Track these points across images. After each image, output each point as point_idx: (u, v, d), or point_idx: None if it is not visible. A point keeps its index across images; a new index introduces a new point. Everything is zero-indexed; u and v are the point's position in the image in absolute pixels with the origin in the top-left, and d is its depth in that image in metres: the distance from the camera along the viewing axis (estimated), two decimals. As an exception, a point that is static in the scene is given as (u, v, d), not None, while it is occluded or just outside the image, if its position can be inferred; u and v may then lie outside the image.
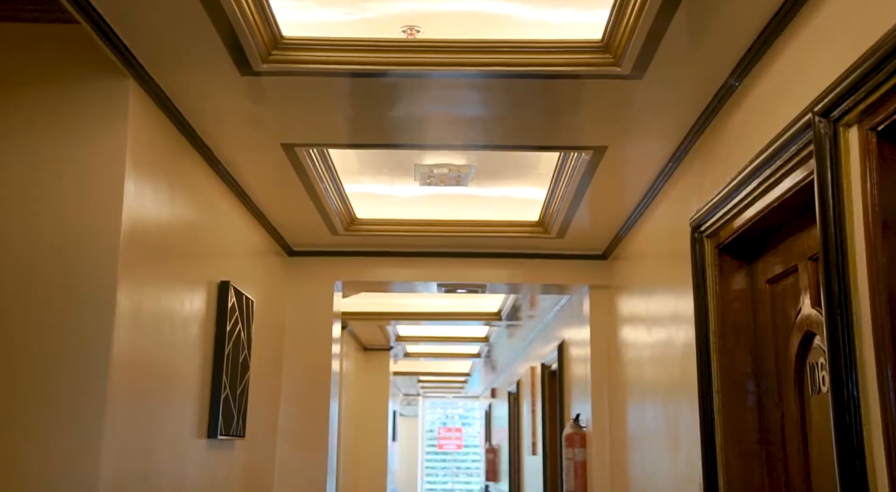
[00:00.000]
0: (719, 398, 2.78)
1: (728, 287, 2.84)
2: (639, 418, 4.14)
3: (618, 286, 4.76)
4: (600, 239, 4.76)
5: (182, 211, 3.12)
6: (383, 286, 5.16)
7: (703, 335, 2.88)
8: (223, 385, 3.44)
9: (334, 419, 4.96)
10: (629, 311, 4.47)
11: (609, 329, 4.94)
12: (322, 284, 4.96)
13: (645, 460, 3.98)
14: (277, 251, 4.77)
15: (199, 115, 2.99)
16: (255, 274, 4.24)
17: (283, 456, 4.74)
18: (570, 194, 3.98)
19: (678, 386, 3.39)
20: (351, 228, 4.61)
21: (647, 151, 3.32)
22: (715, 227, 2.83)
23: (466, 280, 5.01)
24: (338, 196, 4.18)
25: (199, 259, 3.34)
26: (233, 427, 3.61)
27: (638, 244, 4.26)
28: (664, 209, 3.63)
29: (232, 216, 3.81)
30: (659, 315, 3.75)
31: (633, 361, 4.27)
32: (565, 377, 6.39)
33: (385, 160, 3.96)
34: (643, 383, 4.04)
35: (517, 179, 4.22)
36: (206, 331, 3.38)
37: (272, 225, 4.49)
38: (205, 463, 3.38)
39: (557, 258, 5.00)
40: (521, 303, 7.01)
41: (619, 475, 4.62)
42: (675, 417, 3.44)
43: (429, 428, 19.92)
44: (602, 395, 4.93)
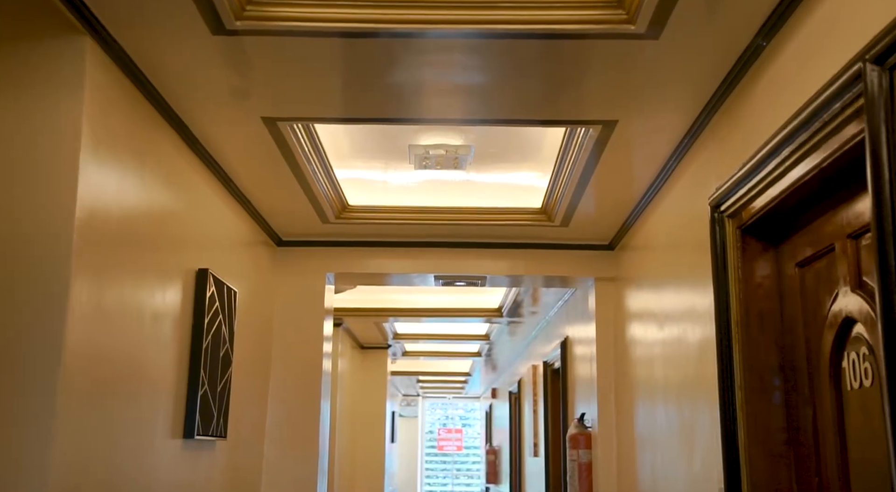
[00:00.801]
0: (742, 395, 2.51)
1: (752, 272, 2.57)
2: (649, 417, 3.88)
3: (625, 279, 4.50)
4: (606, 228, 4.49)
5: (155, 193, 2.86)
6: (377, 279, 4.89)
7: (725, 326, 2.62)
8: (201, 382, 3.18)
9: (325, 420, 4.70)
10: (638, 305, 4.20)
11: (616, 325, 4.68)
12: (313, 275, 4.69)
13: (656, 462, 3.72)
14: (265, 241, 4.51)
15: (169, 82, 2.73)
16: (239, 264, 3.98)
17: (270, 458, 4.48)
18: (576, 177, 3.72)
19: (693, 384, 3.13)
20: (343, 215, 4.34)
21: (662, 125, 3.05)
22: (737, 205, 2.57)
23: (465, 272, 4.74)
24: (327, 180, 3.92)
25: (174, 246, 3.08)
26: (212, 427, 3.34)
27: (647, 233, 4.00)
28: (678, 191, 3.37)
29: (213, 201, 3.55)
30: (672, 310, 3.49)
31: (643, 359, 4.01)
32: (569, 376, 6.13)
33: (378, 142, 3.69)
34: (654, 381, 3.77)
35: (519, 163, 3.96)
36: (181, 323, 3.12)
37: (258, 212, 4.22)
38: (180, 465, 3.12)
39: (561, 249, 4.74)
40: (523, 298, 6.75)
41: (627, 478, 4.35)
42: (690, 416, 3.17)
43: (428, 429, 19.67)
44: (608, 394, 4.66)
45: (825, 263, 2.28)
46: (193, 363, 3.17)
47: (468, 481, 19.64)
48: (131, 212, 2.65)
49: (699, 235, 3.01)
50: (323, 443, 4.61)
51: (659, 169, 3.50)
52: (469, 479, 19.63)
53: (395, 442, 13.87)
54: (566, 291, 6.06)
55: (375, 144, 3.72)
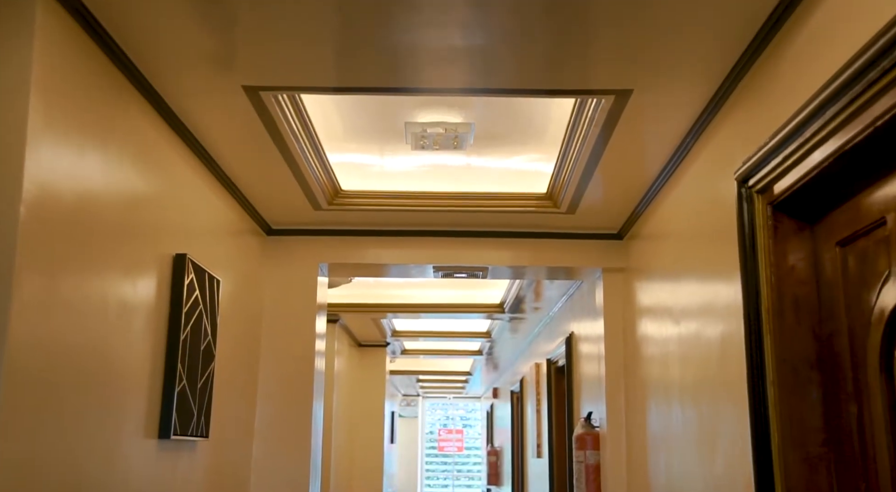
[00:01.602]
0: (775, 391, 2.25)
1: (785, 253, 2.31)
2: (662, 417, 3.61)
3: (635, 270, 4.24)
4: (615, 215, 4.23)
5: (122, 171, 2.60)
6: (373, 270, 4.63)
7: (754, 315, 2.35)
8: (178, 377, 2.92)
9: (318, 420, 4.43)
10: (650, 299, 3.93)
11: (626, 320, 4.41)
12: (304, 266, 4.43)
13: (671, 464, 3.45)
14: (253, 229, 4.25)
15: (136, 42, 2.45)
16: (224, 252, 3.72)
17: (259, 458, 4.22)
18: (585, 158, 3.46)
19: (715, 383, 2.87)
20: (335, 201, 4.08)
21: (682, 94, 2.78)
22: (768, 179, 2.31)
23: (465, 262, 4.48)
24: (318, 161, 3.66)
25: (147, 230, 2.82)
26: (192, 426, 3.08)
27: (660, 220, 3.73)
28: (698, 170, 3.10)
29: (194, 182, 3.29)
30: (690, 303, 3.22)
31: (656, 356, 3.74)
32: (574, 374, 5.87)
33: (372, 122, 3.43)
34: (669, 380, 3.51)
35: (523, 146, 3.69)
36: (157, 314, 2.86)
37: (245, 198, 3.96)
38: (155, 467, 2.86)
39: (567, 238, 4.47)
40: (525, 293, 6.49)
41: (637, 480, 4.09)
42: (710, 417, 2.91)
43: (429, 430, 19.41)
44: (617, 393, 4.40)
45: (872, 242, 2.02)
46: (170, 357, 2.91)
47: (469, 482, 19.37)
48: (93, 191, 2.38)
49: (722, 217, 2.75)
50: (316, 444, 4.35)
51: (676, 146, 3.23)
52: (470, 480, 19.37)
53: (394, 443, 13.63)
54: (571, 285, 5.80)
55: (370, 123, 3.46)
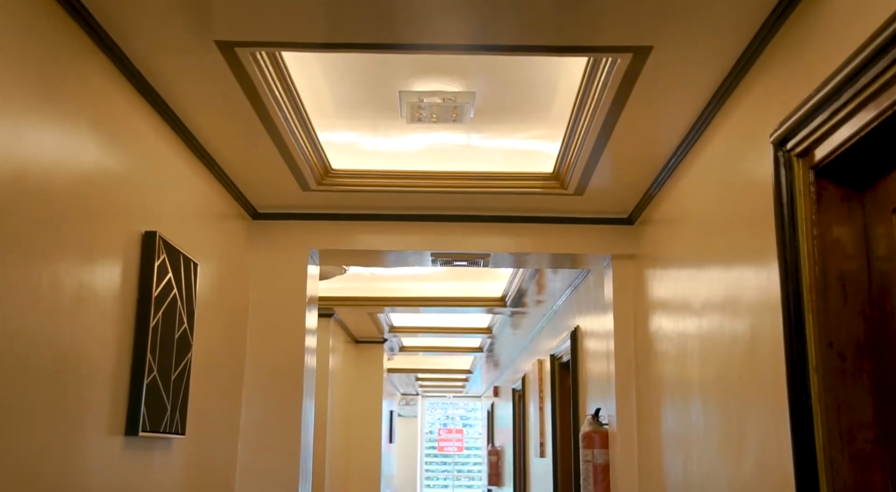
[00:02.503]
0: (819, 379, 1.97)
1: (829, 225, 2.03)
2: (679, 416, 3.34)
3: (648, 257, 3.95)
4: (626, 198, 3.95)
5: (80, 140, 2.32)
6: (367, 257, 4.34)
7: (794, 294, 2.07)
8: (147, 367, 2.64)
9: (309, 419, 4.15)
10: (664, 290, 3.64)
11: (636, 311, 4.13)
12: (293, 252, 4.15)
13: (690, 464, 3.17)
14: (239, 213, 3.97)
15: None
16: (205, 235, 3.44)
17: (246, 458, 3.94)
18: (595, 131, 3.18)
19: (742, 379, 2.59)
20: (325, 181, 3.80)
21: (708, 51, 2.49)
22: (811, 140, 2.03)
23: (466, 249, 4.20)
24: (305, 135, 3.38)
25: (111, 206, 2.53)
26: (165, 422, 2.80)
27: (677, 202, 3.45)
28: (723, 140, 2.82)
29: (166, 154, 3.01)
30: (712, 295, 2.93)
31: (672, 353, 3.46)
32: (580, 369, 5.60)
33: (364, 92, 3.15)
34: (687, 378, 3.23)
35: (528, 121, 3.42)
36: (122, 298, 2.58)
37: (228, 177, 3.68)
38: (121, 467, 2.58)
39: (573, 222, 4.19)
40: (528, 286, 6.21)
41: (651, 480, 3.81)
42: (737, 416, 2.63)
43: (428, 429, 19.13)
44: (628, 390, 4.12)
45: (936, 206, 1.74)
46: (138, 346, 2.63)
47: (469, 482, 19.09)
48: (43, 162, 2.10)
49: (752, 192, 2.47)
50: (306, 443, 4.07)
51: (697, 115, 2.95)
52: (470, 481, 19.08)
53: (393, 443, 13.36)
54: (576, 276, 5.53)
55: (362, 94, 3.17)
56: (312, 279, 4.26)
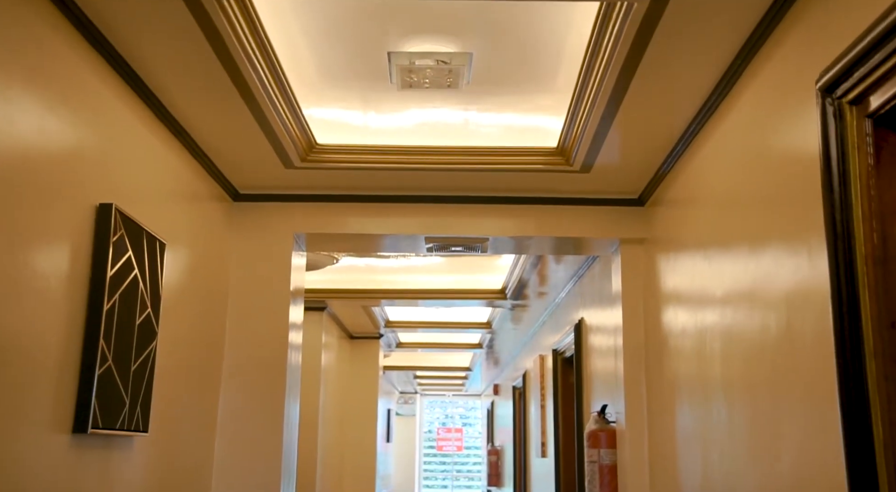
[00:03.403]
0: (879, 366, 1.66)
1: (891, 181, 1.72)
2: (696, 413, 3.03)
3: (661, 242, 3.64)
4: (636, 176, 3.64)
5: (22, 102, 2.01)
6: (357, 242, 4.03)
7: (846, 265, 1.76)
8: (100, 356, 2.32)
9: (292, 415, 3.84)
10: (679, 278, 3.32)
11: (647, 303, 3.81)
12: (276, 236, 3.84)
13: (712, 465, 2.86)
14: (218, 195, 3.66)
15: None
16: (178, 215, 3.13)
17: (223, 458, 3.63)
18: (605, 96, 2.88)
19: (774, 375, 2.30)
20: (310, 157, 3.49)
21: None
22: (866, 84, 1.72)
23: (462, 232, 3.89)
24: (286, 104, 3.07)
25: (56, 174, 2.22)
26: (123, 418, 2.49)
27: (694, 179, 3.14)
28: (754, 96, 2.50)
29: (129, 122, 2.70)
30: (737, 284, 2.61)
31: (688, 348, 3.16)
32: (584, 364, 5.29)
33: (350, 57, 2.83)
34: (706, 376, 2.92)
35: (529, 92, 3.11)
36: (71, 278, 2.27)
37: (206, 155, 3.37)
38: (67, 468, 2.27)
39: (579, 204, 3.88)
40: (529, 277, 5.90)
41: (664, 482, 3.50)
42: (769, 412, 2.32)
43: (427, 428, 18.82)
44: (637, 385, 3.81)
45: None
46: (90, 331, 2.32)
47: (469, 482, 18.78)
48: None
49: (786, 160, 2.17)
50: (289, 442, 3.76)
51: (723, 70, 2.63)
52: (470, 481, 18.77)
53: (390, 442, 13.06)
54: (581, 265, 5.23)
55: (347, 60, 2.86)
56: (298, 268, 3.95)
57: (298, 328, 3.96)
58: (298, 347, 3.96)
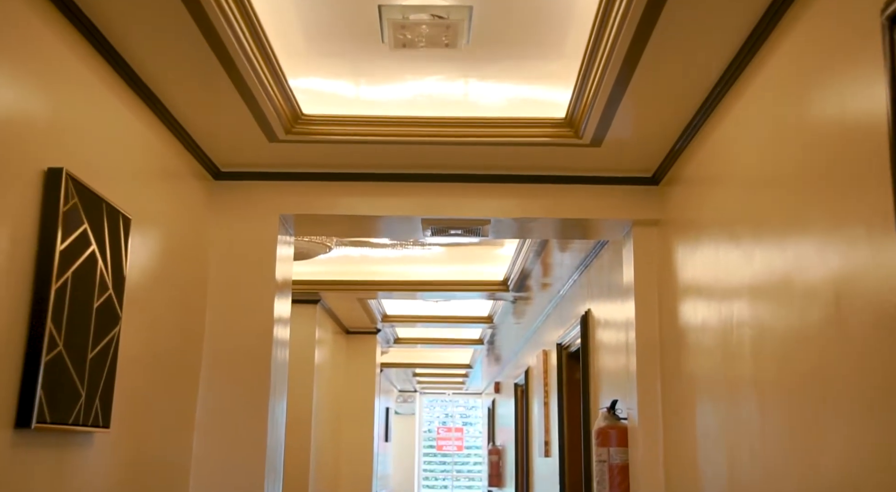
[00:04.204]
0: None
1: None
2: (722, 413, 2.74)
3: (677, 224, 3.36)
4: (651, 151, 3.35)
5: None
6: (348, 225, 3.73)
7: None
8: (47, 341, 2.04)
9: (278, 412, 3.56)
10: (699, 266, 3.03)
11: (663, 292, 3.52)
12: (261, 217, 3.55)
13: (739, 465, 2.57)
14: (197, 172, 3.37)
15: None
16: (150, 191, 2.86)
17: (202, 455, 3.34)
18: (619, 58, 2.59)
19: (818, 372, 2.03)
20: (295, 129, 3.20)
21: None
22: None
23: (462, 214, 3.60)
24: (268, 70, 2.79)
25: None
26: (78, 411, 2.21)
27: (716, 154, 2.86)
28: (793, 48, 2.21)
29: (91, 84, 2.42)
30: (770, 272, 2.33)
31: (709, 345, 2.87)
32: (591, 358, 5.01)
33: (338, 17, 2.55)
34: (734, 374, 2.63)
35: (536, 56, 2.83)
36: (11, 251, 1.98)
37: (182, 127, 3.08)
38: (10, 467, 1.98)
39: (587, 182, 3.59)
40: (532, 267, 5.62)
41: (682, 483, 3.21)
42: (812, 412, 2.05)
43: (427, 428, 18.54)
44: (651, 380, 3.52)
45: None
46: (36, 312, 2.03)
47: (469, 483, 18.50)
48: None
49: (834, 123, 1.89)
50: (275, 441, 3.48)
51: (754, 23, 2.35)
52: (470, 481, 18.49)
53: (389, 441, 12.78)
54: (587, 253, 4.94)
55: (334, 17, 2.58)
56: (285, 258, 3.65)
57: (285, 323, 3.66)
58: (285, 344, 3.67)
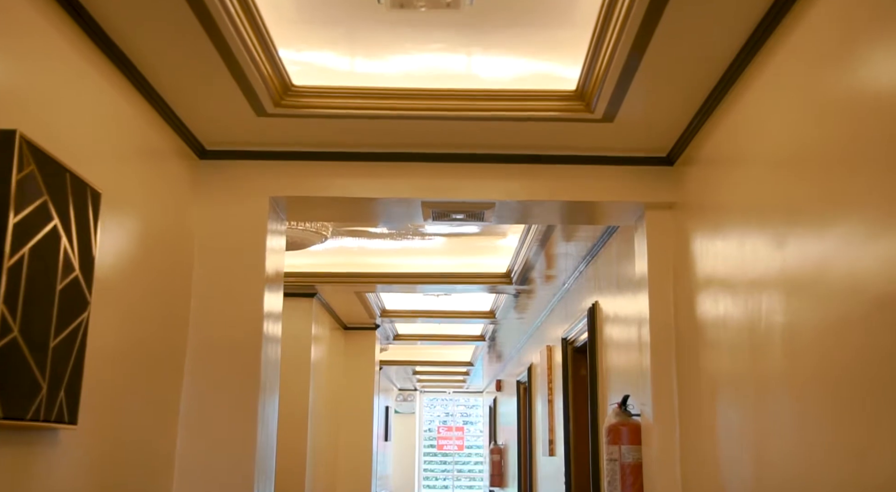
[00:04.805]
0: None
1: None
2: (749, 411, 2.51)
3: (694, 209, 3.13)
4: (667, 128, 3.13)
5: None
6: (342, 208, 3.50)
7: None
8: (1, 324, 1.81)
9: (269, 411, 3.33)
10: (720, 255, 2.80)
11: (678, 282, 3.29)
12: (249, 200, 3.32)
13: (769, 467, 2.34)
14: (181, 151, 3.15)
15: None
16: (127, 168, 2.63)
17: (187, 454, 3.12)
18: (634, 26, 2.38)
19: (862, 371, 1.78)
20: (285, 102, 2.97)
21: None
22: None
23: (464, 197, 3.37)
24: (255, 35, 2.56)
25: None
26: (37, 406, 1.98)
27: (741, 129, 2.64)
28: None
29: (58, 47, 2.19)
30: (803, 263, 2.11)
31: (732, 342, 2.64)
32: (598, 352, 4.79)
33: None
34: (761, 372, 2.40)
35: (545, 22, 2.61)
36: (-38, 219, 1.76)
37: (161, 96, 2.85)
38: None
39: (598, 163, 3.37)
40: (536, 260, 5.39)
41: (701, 484, 2.98)
42: (858, 410, 1.81)
43: (427, 427, 18.30)
44: (666, 374, 3.29)
45: None
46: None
47: (470, 483, 18.27)
48: None
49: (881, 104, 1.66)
50: (265, 440, 3.25)
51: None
52: (471, 481, 18.26)
53: (389, 440, 12.56)
54: (594, 243, 4.71)
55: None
56: (276, 243, 3.42)
57: (277, 318, 3.43)
58: (276, 339, 3.43)
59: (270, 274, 3.30)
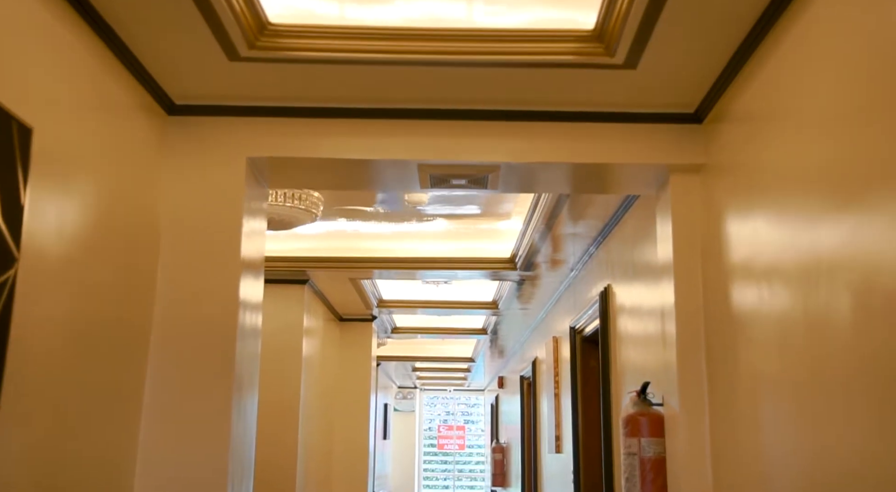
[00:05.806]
0: None
1: None
2: (808, 414, 2.15)
3: (727, 173, 2.75)
4: (696, 77, 2.75)
5: None
6: (328, 171, 3.12)
7: None
8: None
9: (247, 407, 2.95)
10: (765, 233, 2.43)
11: (707, 261, 2.92)
12: (224, 161, 2.94)
13: (819, 458, 1.97)
14: (146, 105, 2.78)
15: None
16: (79, 120, 2.25)
17: (149, 447, 2.74)
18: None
19: None
20: (260, 43, 2.59)
21: None
22: None
23: (465, 159, 3.00)
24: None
25: None
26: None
27: (785, 82, 2.27)
28: None
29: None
30: (881, 242, 1.74)
31: (784, 331, 2.28)
32: (611, 340, 4.42)
33: None
34: (822, 370, 2.04)
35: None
36: None
37: (119, 37, 2.48)
38: None
39: (616, 120, 2.99)
40: (541, 245, 5.02)
41: (737, 481, 2.61)
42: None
43: (427, 426, 17.96)
44: (696, 376, 2.93)
45: None
46: None
47: (471, 483, 17.93)
48: None
49: None
50: (242, 436, 2.88)
51: None
52: (472, 481, 17.92)
53: (388, 439, 12.21)
54: (606, 222, 4.35)
55: None
56: (255, 233, 3.03)
57: (256, 307, 3.06)
58: (256, 330, 3.06)
59: (248, 246, 2.93)
